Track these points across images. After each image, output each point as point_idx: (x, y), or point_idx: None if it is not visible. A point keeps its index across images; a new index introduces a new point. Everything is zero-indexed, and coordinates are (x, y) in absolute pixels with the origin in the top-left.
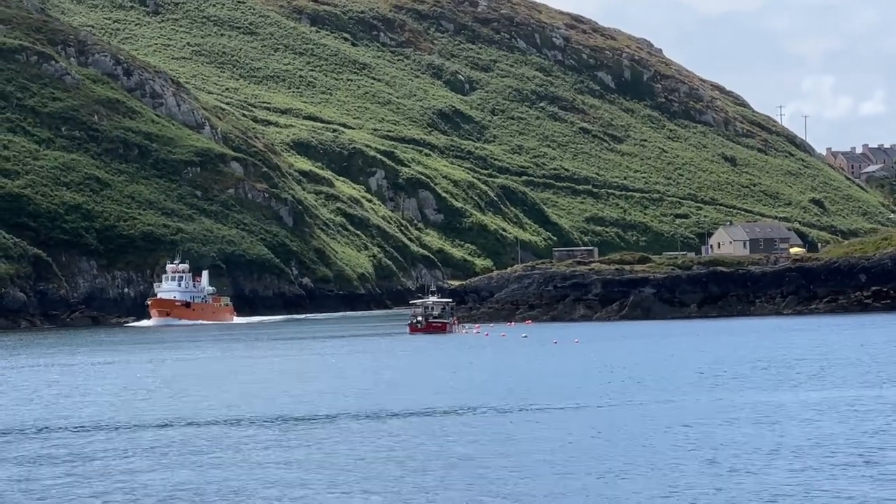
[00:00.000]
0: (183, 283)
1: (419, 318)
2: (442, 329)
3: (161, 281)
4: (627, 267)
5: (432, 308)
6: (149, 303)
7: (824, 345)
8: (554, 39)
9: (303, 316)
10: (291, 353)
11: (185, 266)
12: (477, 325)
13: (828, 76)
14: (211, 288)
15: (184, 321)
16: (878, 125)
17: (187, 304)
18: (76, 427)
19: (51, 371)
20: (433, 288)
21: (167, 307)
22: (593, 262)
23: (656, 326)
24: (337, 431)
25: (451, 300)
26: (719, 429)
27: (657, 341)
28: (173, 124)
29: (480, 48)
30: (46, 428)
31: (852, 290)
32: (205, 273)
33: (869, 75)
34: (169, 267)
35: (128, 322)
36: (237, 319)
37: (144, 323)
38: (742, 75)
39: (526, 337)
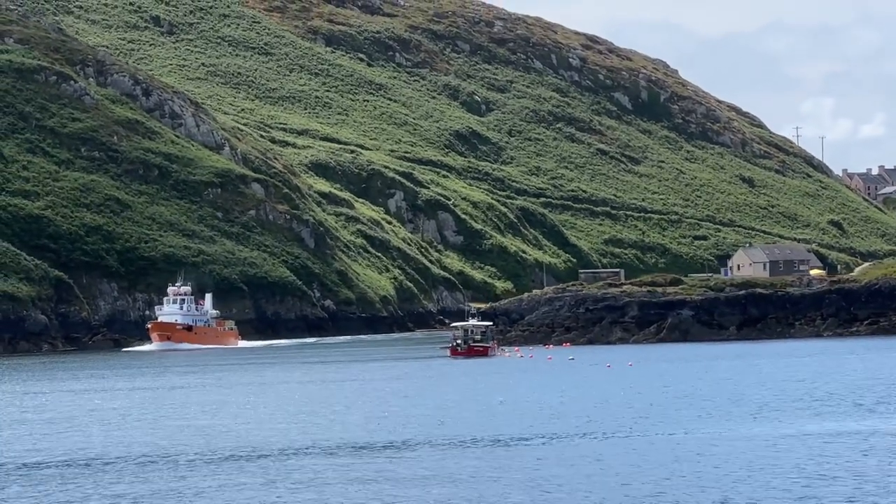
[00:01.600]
0: (185, 306)
1: (459, 341)
2: (484, 353)
3: (162, 304)
4: (660, 289)
5: (472, 331)
6: (149, 326)
7: None
8: (570, 60)
9: (312, 340)
10: (348, 378)
11: (188, 288)
12: (517, 348)
13: (828, 98)
14: (214, 311)
15: (185, 345)
16: (878, 147)
17: (189, 328)
18: None
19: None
20: (473, 311)
21: (168, 331)
22: (625, 284)
23: (705, 349)
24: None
25: (491, 323)
26: None
27: (733, 363)
28: (193, 145)
29: (497, 69)
30: None
31: (894, 313)
32: (208, 296)
33: (869, 98)
34: (170, 289)
35: (129, 346)
36: (242, 343)
37: (145, 347)
38: (742, 97)
39: (573, 360)
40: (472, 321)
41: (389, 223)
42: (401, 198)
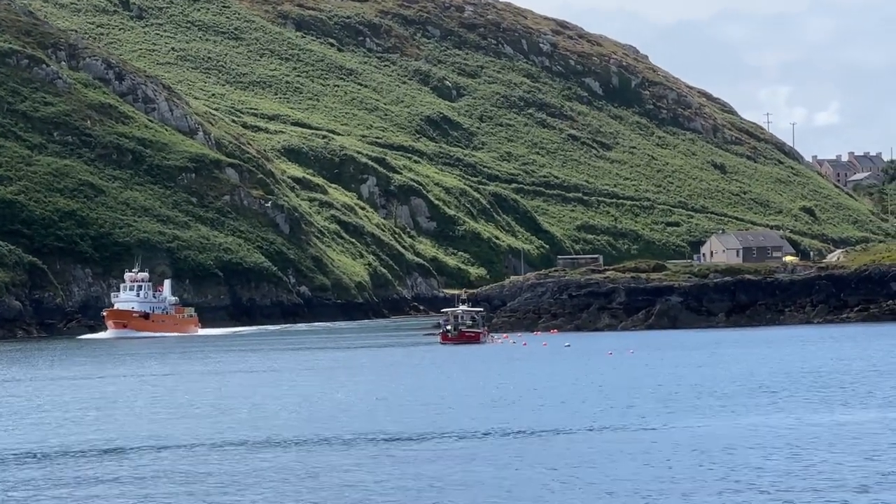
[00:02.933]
0: (142, 292)
1: (449, 327)
2: (476, 339)
3: (119, 290)
4: (643, 275)
5: (462, 317)
6: (104, 314)
7: None
8: (541, 45)
9: (276, 327)
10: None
11: (145, 275)
12: (505, 335)
13: (784, 87)
14: (174, 298)
15: (142, 333)
16: (833, 135)
17: (146, 316)
18: None
19: None
20: (463, 297)
21: (124, 318)
22: (608, 270)
23: (701, 336)
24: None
25: (482, 309)
26: None
27: (747, 350)
28: (166, 130)
29: (467, 54)
30: None
31: (884, 299)
32: (167, 282)
33: (824, 86)
34: (127, 275)
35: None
36: (203, 331)
37: (100, 335)
38: (698, 85)
39: (569, 346)
40: (463, 307)
41: (363, 209)
42: (373, 183)
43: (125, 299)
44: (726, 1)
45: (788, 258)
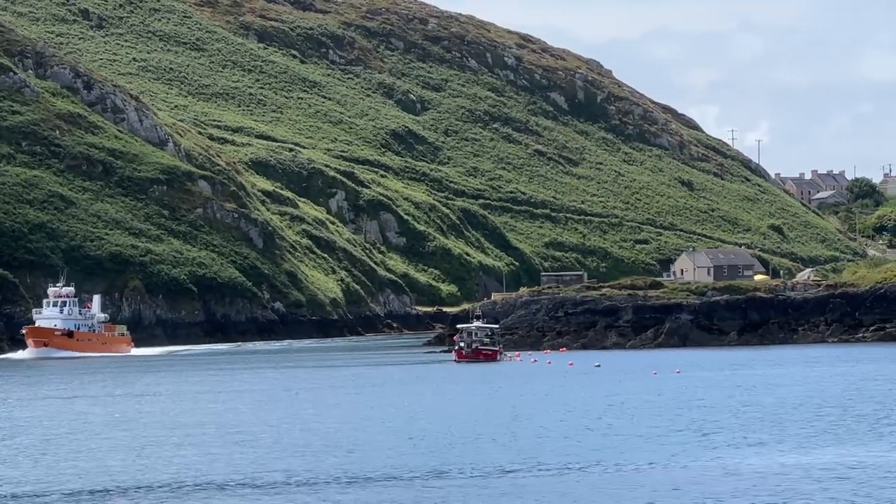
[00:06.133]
0: (66, 309)
1: (463, 345)
2: (493, 357)
3: (42, 306)
4: (640, 292)
5: (477, 334)
6: (24, 331)
7: None
8: (506, 59)
9: (232, 346)
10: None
11: (71, 289)
12: (517, 353)
13: (712, 106)
14: (103, 315)
15: (64, 353)
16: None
17: (70, 334)
18: None
19: None
20: (478, 312)
21: (45, 337)
22: (604, 286)
23: (722, 355)
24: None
25: (497, 326)
26: None
27: (797, 370)
28: (136, 140)
29: (431, 67)
30: None
31: None
32: (96, 297)
33: (752, 106)
34: (50, 290)
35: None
36: (136, 351)
37: (19, 354)
38: None
39: (599, 366)
40: (477, 323)
41: (333, 223)
42: (342, 197)
43: (47, 316)
44: (657, 20)
45: (759, 277)
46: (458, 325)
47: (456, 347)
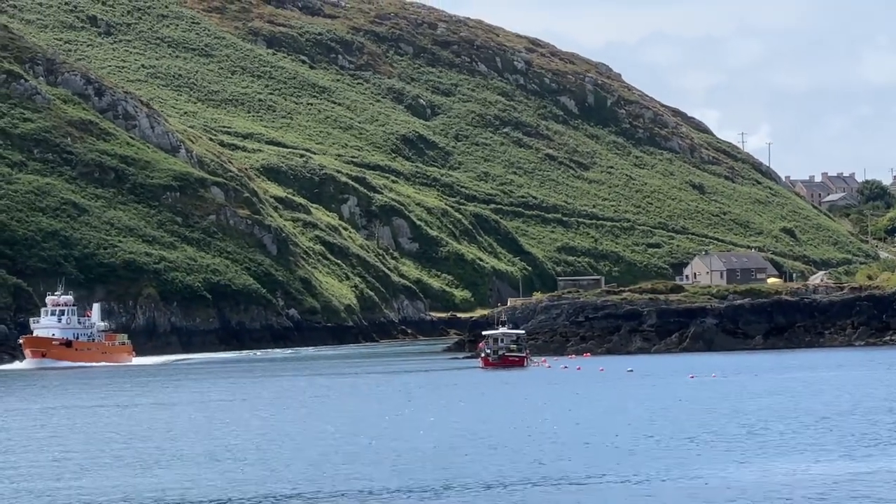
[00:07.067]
0: (65, 318)
1: (489, 351)
2: (520, 363)
3: (40, 315)
4: (662, 296)
5: (503, 340)
6: (21, 341)
7: None
8: (515, 63)
9: (230, 355)
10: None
11: (69, 298)
12: (543, 359)
13: (712, 110)
14: (103, 324)
15: (63, 363)
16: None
17: (68, 343)
18: None
19: None
20: (503, 318)
21: (43, 346)
22: (625, 291)
23: (751, 359)
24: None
25: (523, 331)
26: None
27: (841, 373)
28: (148, 147)
29: (441, 72)
30: None
31: None
32: (96, 306)
33: (753, 109)
34: (49, 299)
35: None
36: (137, 360)
37: (16, 365)
38: None
39: (631, 371)
40: (503, 328)
41: (346, 229)
42: (354, 203)
43: (45, 325)
44: (654, 24)
45: (772, 280)
46: (484, 332)
47: (482, 354)
